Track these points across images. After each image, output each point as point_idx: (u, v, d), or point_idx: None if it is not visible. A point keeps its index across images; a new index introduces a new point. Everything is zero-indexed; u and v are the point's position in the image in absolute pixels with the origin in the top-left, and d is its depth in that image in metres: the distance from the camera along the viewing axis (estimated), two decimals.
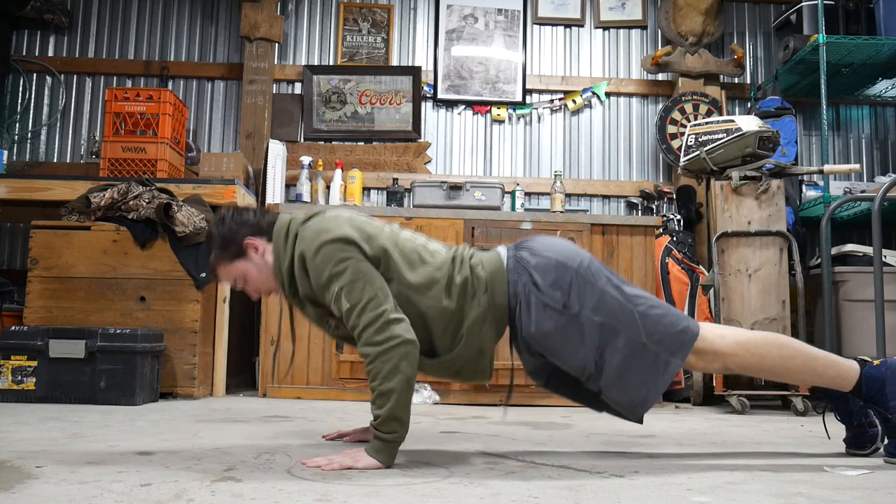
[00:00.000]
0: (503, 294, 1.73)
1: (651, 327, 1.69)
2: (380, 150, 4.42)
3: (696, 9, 4.35)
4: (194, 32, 4.54)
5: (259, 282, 1.84)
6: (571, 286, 1.69)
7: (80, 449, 1.78)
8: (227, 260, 1.83)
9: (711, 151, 3.18)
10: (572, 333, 1.68)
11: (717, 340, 1.74)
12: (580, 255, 1.76)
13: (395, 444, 1.61)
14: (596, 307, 1.68)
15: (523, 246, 1.79)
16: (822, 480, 1.55)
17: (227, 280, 1.88)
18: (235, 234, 1.81)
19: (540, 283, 1.69)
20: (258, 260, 1.81)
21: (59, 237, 3.14)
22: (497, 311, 1.74)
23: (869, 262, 3.46)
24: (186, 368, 3.09)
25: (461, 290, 1.73)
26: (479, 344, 1.74)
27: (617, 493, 1.39)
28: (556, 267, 1.71)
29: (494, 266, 1.76)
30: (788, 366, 1.77)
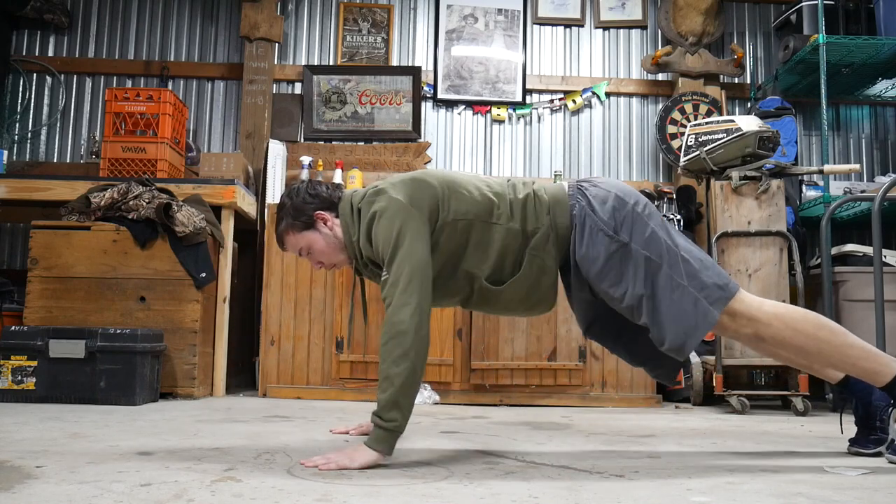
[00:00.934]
0: (565, 215, 1.79)
1: (693, 272, 1.72)
2: (380, 150, 4.42)
3: (696, 9, 4.35)
4: (194, 32, 4.54)
5: (325, 254, 1.89)
6: (625, 219, 1.75)
7: (80, 449, 1.78)
8: (296, 230, 1.88)
9: (711, 151, 3.18)
10: (619, 261, 1.73)
11: (755, 305, 1.75)
12: (639, 196, 1.82)
13: (394, 434, 1.60)
14: (645, 242, 1.73)
15: (586, 179, 1.87)
16: (822, 480, 1.55)
17: (291, 249, 1.92)
18: (307, 205, 1.87)
19: (596, 208, 1.76)
20: (327, 232, 1.87)
21: (59, 237, 3.14)
22: (559, 230, 1.80)
23: (869, 262, 3.46)
24: (186, 368, 3.09)
25: (522, 208, 1.80)
26: (542, 262, 1.79)
27: (617, 493, 1.39)
28: (614, 198, 1.77)
29: (556, 190, 1.84)
30: (822, 348, 1.73)
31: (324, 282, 3.38)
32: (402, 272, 1.66)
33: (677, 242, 1.77)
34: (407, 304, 1.63)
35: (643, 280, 1.71)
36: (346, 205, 1.85)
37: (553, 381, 3.27)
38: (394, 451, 1.63)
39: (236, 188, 3.42)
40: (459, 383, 3.28)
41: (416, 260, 1.67)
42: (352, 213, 1.83)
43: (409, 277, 1.65)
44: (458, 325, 3.32)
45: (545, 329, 3.29)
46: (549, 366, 3.26)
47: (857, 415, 1.87)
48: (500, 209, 1.79)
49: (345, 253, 1.88)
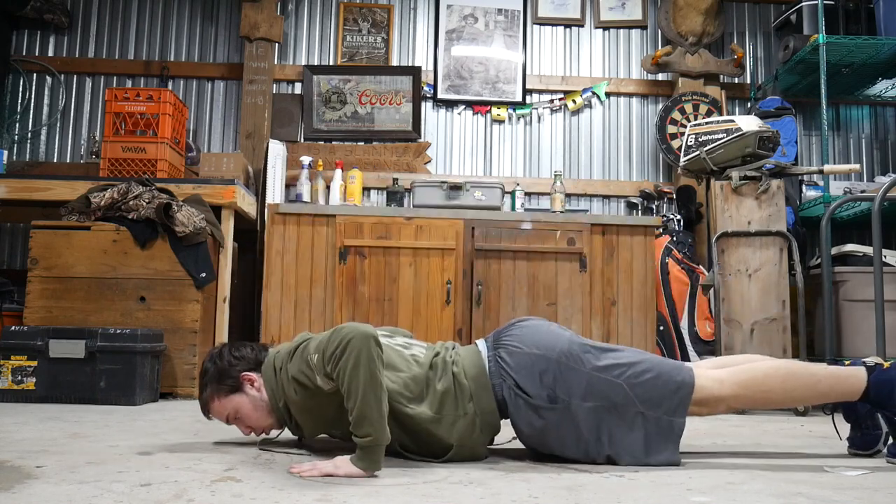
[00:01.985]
0: (490, 399, 1.71)
1: (645, 395, 1.67)
2: (380, 150, 4.42)
3: (696, 9, 4.35)
4: (194, 32, 4.54)
5: (253, 418, 1.79)
6: (556, 379, 1.67)
7: (80, 449, 1.78)
8: (222, 394, 1.79)
9: (711, 151, 3.18)
10: (567, 426, 1.67)
11: (716, 387, 1.72)
12: (559, 340, 1.73)
13: (372, 450, 1.50)
14: (584, 393, 1.67)
15: (501, 343, 1.76)
16: (822, 480, 1.55)
17: (217, 416, 1.83)
18: (232, 367, 1.79)
19: (522, 384, 1.68)
20: (254, 394, 1.78)
21: (59, 237, 3.14)
22: (486, 415, 1.71)
23: (869, 262, 3.46)
24: (186, 368, 3.09)
25: (442, 400, 1.69)
26: (472, 449, 1.71)
27: (617, 493, 1.39)
28: (536, 362, 1.69)
29: (477, 370, 1.73)
30: (794, 396, 1.77)
31: (324, 282, 3.38)
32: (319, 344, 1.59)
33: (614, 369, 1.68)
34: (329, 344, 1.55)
35: (597, 432, 1.66)
36: (269, 367, 1.76)
37: None
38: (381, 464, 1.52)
39: (236, 188, 3.42)
40: None
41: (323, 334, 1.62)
42: (275, 375, 1.73)
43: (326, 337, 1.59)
44: (458, 325, 3.32)
45: None
46: None
47: (847, 418, 1.88)
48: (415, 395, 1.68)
49: (273, 416, 1.79)
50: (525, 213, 3.67)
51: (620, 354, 1.74)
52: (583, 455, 1.69)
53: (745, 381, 1.75)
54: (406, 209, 3.58)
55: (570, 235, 3.43)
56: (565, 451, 1.70)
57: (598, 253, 3.46)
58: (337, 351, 1.54)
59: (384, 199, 4.31)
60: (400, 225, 3.39)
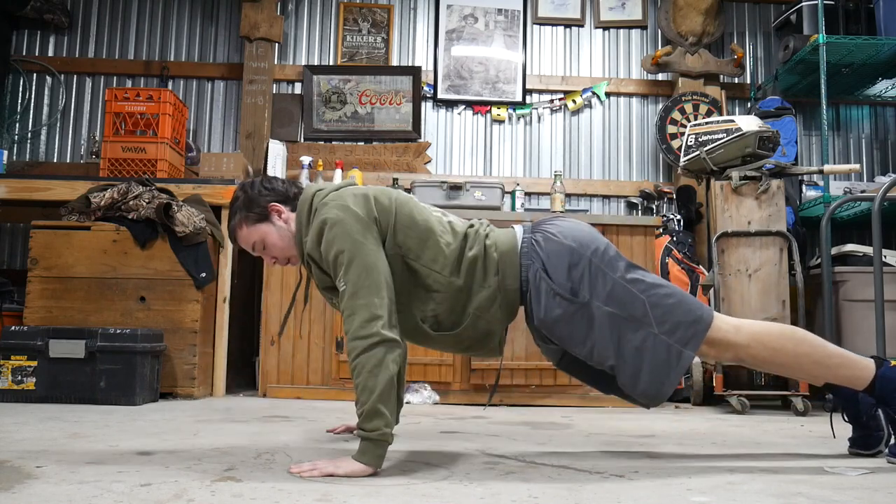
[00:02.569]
0: (515, 278, 1.73)
1: (663, 317, 1.67)
2: (380, 150, 4.42)
3: (696, 9, 4.35)
4: (194, 32, 4.54)
5: (279, 248, 1.83)
6: (583, 275, 1.68)
7: (80, 449, 1.78)
8: (249, 222, 1.83)
9: (711, 151, 3.18)
10: (581, 322, 1.67)
11: (732, 332, 1.73)
12: (596, 241, 1.74)
13: (379, 445, 1.52)
14: (607, 297, 1.67)
15: (540, 228, 1.78)
16: (822, 480, 1.55)
17: (245, 244, 1.87)
18: (262, 196, 1.83)
19: (550, 270, 1.69)
20: (280, 224, 1.82)
21: (59, 237, 3.14)
22: (508, 294, 1.73)
23: (869, 262, 3.46)
24: (186, 368, 3.09)
25: (470, 267, 1.72)
26: (487, 325, 1.74)
27: (617, 493, 1.39)
28: (569, 254, 1.70)
29: (508, 247, 1.75)
30: (802, 363, 1.75)
31: None
32: (359, 281, 1.60)
33: (641, 284, 1.69)
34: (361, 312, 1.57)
35: (608, 337, 1.66)
36: (306, 203, 1.78)
37: (553, 381, 3.27)
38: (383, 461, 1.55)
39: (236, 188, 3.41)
40: (459, 383, 3.28)
41: (371, 266, 1.61)
42: (309, 213, 1.76)
43: (363, 285, 1.60)
44: None
45: None
46: (550, 366, 3.25)
47: (848, 416, 1.87)
48: (446, 258, 1.71)
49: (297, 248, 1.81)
50: (525, 213, 3.66)
51: (649, 275, 1.75)
52: (587, 355, 1.69)
53: (759, 334, 1.74)
54: None
55: None
56: (573, 346, 1.70)
57: None
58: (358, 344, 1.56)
59: None
60: None
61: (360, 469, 1.50)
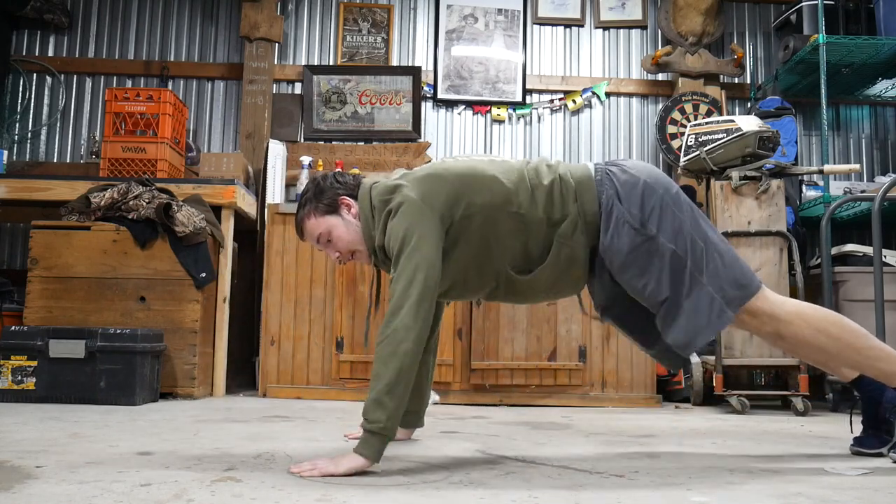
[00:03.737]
0: (593, 202, 1.73)
1: (715, 270, 1.69)
2: (380, 150, 4.42)
3: (696, 9, 4.34)
4: (194, 32, 4.54)
5: (345, 241, 1.83)
6: (654, 209, 1.70)
7: (80, 449, 1.78)
8: (318, 213, 1.82)
9: (711, 151, 3.18)
10: (644, 254, 1.69)
11: (778, 303, 1.73)
12: (669, 181, 1.77)
13: (378, 438, 1.53)
14: (672, 236, 1.69)
15: (614, 162, 1.80)
16: (822, 480, 1.55)
17: (311, 235, 1.86)
18: (332, 188, 1.83)
19: (623, 198, 1.71)
20: (349, 219, 1.82)
21: (59, 237, 3.14)
22: (587, 216, 1.73)
23: (869, 262, 3.46)
24: (186, 368, 3.09)
25: (548, 194, 1.73)
26: (571, 252, 1.74)
27: (617, 493, 1.39)
28: (642, 187, 1.72)
29: (583, 175, 1.76)
30: (841, 348, 1.74)
31: (324, 282, 3.38)
32: (406, 271, 1.62)
33: (704, 235, 1.72)
34: (404, 304, 1.59)
35: (666, 275, 1.68)
36: (365, 197, 1.80)
37: (553, 381, 3.27)
38: (381, 456, 1.55)
39: (236, 188, 3.42)
40: (459, 383, 3.28)
41: (421, 259, 1.63)
42: (370, 207, 1.78)
43: (412, 277, 1.61)
44: (458, 324, 3.32)
45: (545, 329, 3.29)
46: (549, 366, 3.26)
47: (865, 414, 1.87)
48: (520, 196, 1.72)
49: (365, 244, 1.82)
50: None
51: (711, 228, 1.77)
52: (641, 288, 1.70)
53: (805, 313, 1.74)
54: None
55: None
56: (630, 277, 1.71)
57: None
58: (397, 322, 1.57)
59: None
60: None
61: (359, 464, 1.52)
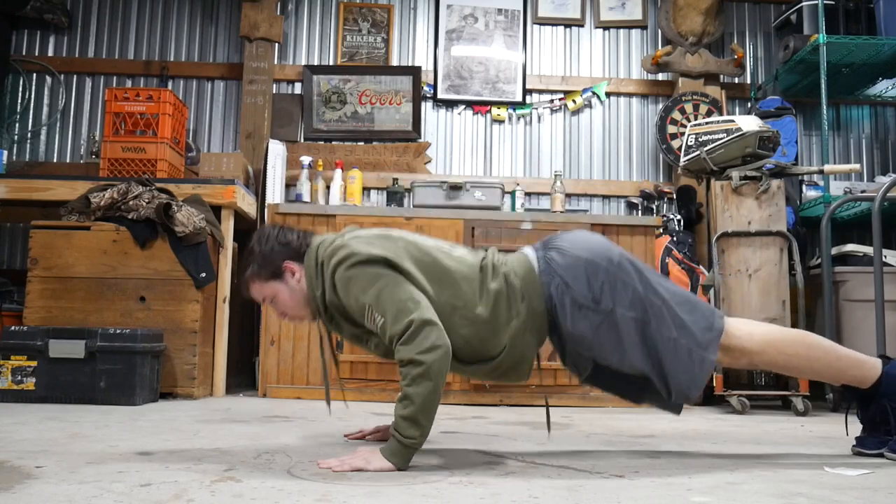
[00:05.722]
0: (540, 299, 1.73)
1: (681, 322, 1.70)
2: (380, 150, 4.41)
3: (696, 9, 4.34)
4: (194, 32, 4.54)
5: (288, 306, 1.84)
6: (603, 284, 1.70)
7: (80, 449, 1.78)
8: (262, 279, 1.83)
9: (712, 151, 3.18)
10: (608, 331, 1.69)
11: (746, 338, 1.76)
12: (609, 249, 1.76)
13: (411, 450, 1.58)
14: (629, 304, 1.69)
15: (552, 245, 1.79)
16: (823, 480, 1.55)
17: (257, 297, 1.88)
18: (277, 254, 1.81)
19: (571, 283, 1.70)
20: (293, 284, 1.82)
21: (59, 237, 3.14)
22: (536, 317, 1.74)
23: (869, 262, 3.46)
24: (186, 368, 3.09)
25: (496, 300, 1.72)
26: (522, 352, 1.75)
27: (617, 493, 1.39)
28: (585, 265, 1.72)
29: (526, 271, 1.76)
30: (814, 366, 1.79)
31: None
32: (391, 304, 1.62)
33: (658, 290, 1.72)
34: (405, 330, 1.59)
35: (637, 343, 1.68)
36: (312, 257, 1.78)
37: (553, 381, 3.27)
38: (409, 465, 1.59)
39: (236, 188, 3.42)
40: (459, 383, 3.28)
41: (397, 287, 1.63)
42: (316, 267, 1.76)
43: (401, 305, 1.61)
44: None
45: None
46: (550, 366, 3.25)
47: (861, 416, 1.87)
48: (468, 295, 1.71)
49: (308, 307, 1.82)
50: (525, 213, 3.66)
51: (662, 279, 1.78)
52: (618, 363, 1.71)
53: (773, 341, 1.78)
54: (406, 209, 3.58)
55: None
56: (603, 355, 1.72)
57: None
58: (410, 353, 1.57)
59: (384, 199, 4.31)
60: (400, 225, 3.39)
61: (388, 467, 1.56)
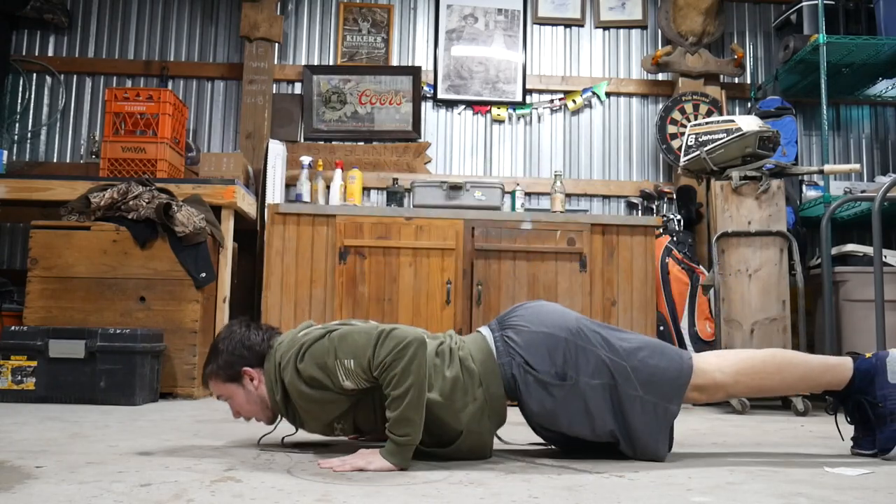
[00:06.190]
0: (498, 384, 1.72)
1: (646, 378, 1.70)
2: (380, 150, 4.42)
3: (696, 9, 4.34)
4: (194, 32, 4.54)
5: (244, 409, 1.84)
6: (566, 356, 1.69)
7: (80, 449, 1.78)
8: (221, 379, 1.82)
9: (712, 151, 3.18)
10: (575, 402, 1.69)
11: (717, 374, 1.76)
12: (565, 319, 1.76)
13: (407, 448, 1.58)
14: (593, 371, 1.69)
15: (507, 324, 1.77)
16: (823, 480, 1.55)
17: (215, 393, 1.87)
18: (237, 359, 1.80)
19: (532, 362, 1.69)
20: (251, 388, 1.81)
21: (59, 237, 3.14)
22: (495, 401, 1.72)
23: (869, 262, 3.46)
24: (186, 368, 3.09)
25: (452, 387, 1.69)
26: (480, 437, 1.73)
27: (617, 493, 1.39)
28: (545, 340, 1.71)
29: (485, 355, 1.74)
30: (788, 382, 1.82)
31: (324, 282, 3.38)
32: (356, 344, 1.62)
33: (620, 352, 1.71)
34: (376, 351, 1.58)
35: (605, 407, 1.69)
36: (271, 363, 1.76)
37: None
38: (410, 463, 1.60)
39: (236, 188, 3.42)
40: None
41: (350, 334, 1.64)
42: (275, 371, 1.74)
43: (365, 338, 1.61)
44: (458, 325, 3.32)
45: None
46: None
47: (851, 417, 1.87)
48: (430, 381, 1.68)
49: (266, 411, 1.82)
50: (525, 213, 3.67)
51: (626, 336, 1.77)
52: (589, 432, 1.71)
53: (743, 369, 1.79)
54: (406, 209, 3.58)
55: (571, 235, 3.43)
56: (573, 427, 1.71)
57: (598, 253, 3.46)
58: (388, 358, 1.58)
59: (384, 199, 4.31)
60: (400, 225, 3.39)
61: (389, 467, 1.57)
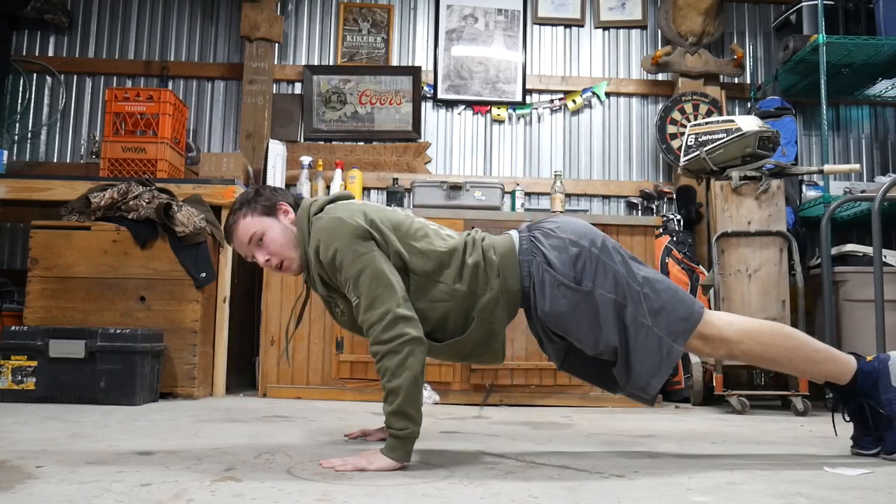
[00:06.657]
0: (516, 278, 1.76)
1: (656, 309, 1.72)
2: (380, 150, 4.42)
3: (696, 9, 4.34)
4: (194, 32, 4.54)
5: (278, 244, 1.83)
6: (585, 265, 1.72)
7: (80, 449, 1.78)
8: (255, 213, 1.83)
9: (711, 151, 3.18)
10: (586, 311, 1.71)
11: (725, 327, 1.78)
12: (594, 233, 1.80)
13: (407, 441, 1.59)
14: (609, 285, 1.71)
15: (537, 227, 1.83)
16: (822, 480, 1.55)
17: (244, 234, 1.84)
18: (272, 194, 1.86)
19: (553, 261, 1.73)
20: (286, 223, 1.84)
21: (59, 237, 3.14)
22: (510, 294, 1.76)
23: (869, 262, 3.46)
24: (186, 368, 3.09)
25: (472, 273, 1.75)
26: (490, 326, 1.77)
27: (617, 493, 1.39)
28: (569, 246, 1.74)
29: (506, 249, 1.79)
30: (791, 357, 1.81)
31: None
32: (371, 291, 1.64)
33: (638, 276, 1.75)
34: (380, 320, 1.61)
35: (612, 324, 1.70)
36: (304, 212, 1.81)
37: (553, 381, 3.28)
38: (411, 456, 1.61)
39: (236, 188, 3.42)
40: (459, 383, 3.29)
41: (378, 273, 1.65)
42: (307, 221, 1.79)
43: (376, 294, 1.64)
44: None
45: None
46: (550, 366, 3.26)
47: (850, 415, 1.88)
48: (449, 268, 1.75)
49: (297, 252, 1.82)
50: (525, 213, 3.66)
51: (645, 268, 1.80)
52: (593, 344, 1.72)
53: (751, 331, 1.80)
54: (406, 209, 3.58)
55: None
56: (580, 333, 1.73)
57: None
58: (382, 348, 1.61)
59: (384, 199, 4.31)
60: None
61: (390, 464, 1.57)
